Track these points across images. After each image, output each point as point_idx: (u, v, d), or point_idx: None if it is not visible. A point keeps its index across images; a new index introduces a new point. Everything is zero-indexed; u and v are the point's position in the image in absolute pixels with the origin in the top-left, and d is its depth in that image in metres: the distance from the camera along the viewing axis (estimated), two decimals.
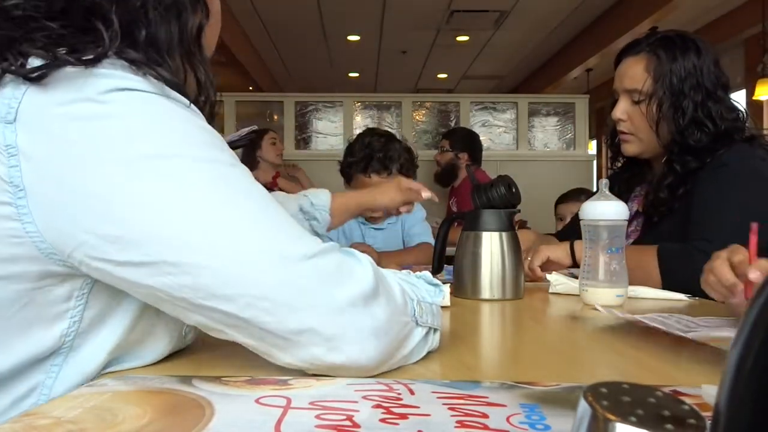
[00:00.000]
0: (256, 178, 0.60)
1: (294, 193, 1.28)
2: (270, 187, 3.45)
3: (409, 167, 1.92)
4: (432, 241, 1.88)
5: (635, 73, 1.40)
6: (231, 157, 0.57)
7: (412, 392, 0.48)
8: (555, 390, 0.51)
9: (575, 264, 1.33)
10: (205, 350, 0.68)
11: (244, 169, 0.57)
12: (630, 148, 1.46)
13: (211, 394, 0.47)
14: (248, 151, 3.54)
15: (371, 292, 0.56)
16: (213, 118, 0.65)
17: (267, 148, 3.55)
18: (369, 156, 1.86)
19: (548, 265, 1.36)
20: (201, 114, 0.58)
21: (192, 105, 0.58)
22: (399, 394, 0.47)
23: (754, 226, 0.86)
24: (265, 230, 0.54)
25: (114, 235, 0.51)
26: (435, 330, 0.68)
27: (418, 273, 0.72)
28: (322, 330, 0.53)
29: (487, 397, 0.48)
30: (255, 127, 2.47)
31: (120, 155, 0.51)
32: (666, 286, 1.22)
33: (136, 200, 0.51)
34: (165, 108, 0.55)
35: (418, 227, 1.98)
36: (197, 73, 0.64)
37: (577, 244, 1.34)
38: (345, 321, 0.54)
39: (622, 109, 1.43)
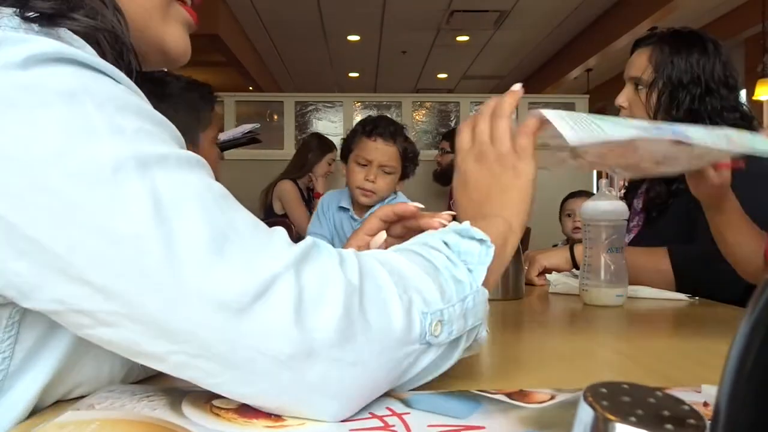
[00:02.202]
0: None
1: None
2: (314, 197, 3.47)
3: (409, 154, 1.88)
4: None
5: (640, 62, 1.44)
6: (168, 145, 0.44)
7: (408, 427, 0.47)
8: (551, 407, 0.50)
9: (577, 267, 1.34)
10: None
11: (180, 159, 0.43)
12: None
13: (203, 430, 0.45)
14: (301, 156, 3.51)
15: (338, 337, 0.43)
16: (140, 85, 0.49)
17: (324, 165, 3.53)
18: (376, 123, 1.83)
19: (546, 272, 1.37)
20: (133, 86, 0.46)
21: (122, 76, 0.44)
22: (395, 430, 0.47)
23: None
24: (203, 265, 0.41)
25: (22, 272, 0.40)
26: (474, 328, 0.53)
27: (454, 227, 0.56)
28: (269, 398, 0.44)
29: (483, 428, 0.47)
30: (257, 125, 2.47)
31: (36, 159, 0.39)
32: (680, 287, 1.23)
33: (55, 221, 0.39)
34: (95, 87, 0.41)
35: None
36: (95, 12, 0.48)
37: (577, 247, 1.35)
38: (303, 376, 0.43)
39: (624, 97, 1.48)
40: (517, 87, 0.68)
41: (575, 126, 0.63)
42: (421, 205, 0.73)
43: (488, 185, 0.65)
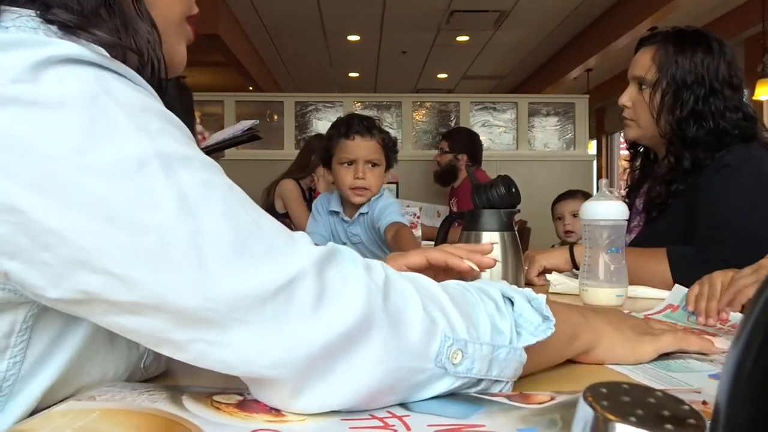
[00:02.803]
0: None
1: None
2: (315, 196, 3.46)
3: (389, 143, 1.86)
4: (403, 220, 1.81)
5: (644, 61, 1.44)
6: (191, 148, 0.45)
7: (408, 427, 0.46)
8: (551, 407, 0.50)
9: (577, 267, 1.34)
10: None
11: (204, 162, 0.45)
12: (629, 133, 1.52)
13: (204, 422, 0.45)
14: (304, 157, 3.48)
15: (356, 330, 0.44)
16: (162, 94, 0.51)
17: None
18: (350, 122, 1.81)
19: (546, 273, 1.37)
20: (154, 93, 0.47)
21: (143, 82, 0.46)
22: (395, 430, 0.47)
23: None
24: (228, 257, 0.42)
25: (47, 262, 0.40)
26: (496, 381, 0.52)
27: (530, 294, 0.56)
28: (281, 378, 0.44)
29: (483, 426, 0.47)
30: (257, 122, 2.45)
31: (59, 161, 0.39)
32: None
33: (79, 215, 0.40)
34: (113, 89, 0.42)
35: (391, 207, 1.86)
36: (134, 39, 0.51)
37: (576, 248, 1.35)
38: (314, 365, 0.44)
39: (628, 96, 1.48)
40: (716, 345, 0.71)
41: None
42: (476, 268, 0.78)
43: (617, 327, 0.68)
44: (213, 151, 2.15)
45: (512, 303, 0.55)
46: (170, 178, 0.41)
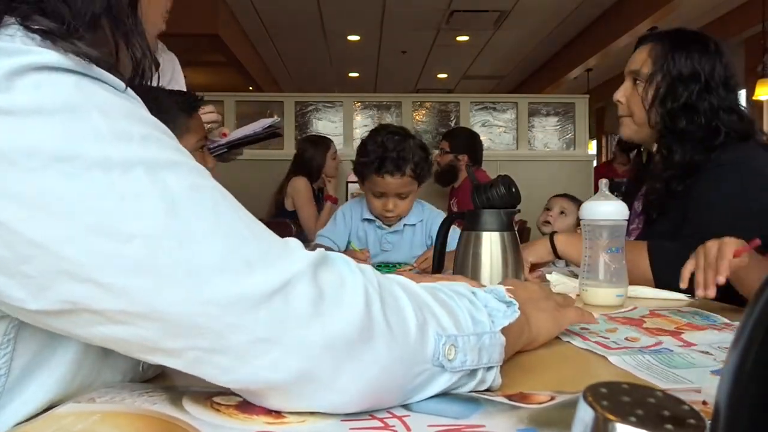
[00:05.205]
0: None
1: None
2: (324, 200, 3.45)
3: (423, 167, 1.85)
4: None
5: (640, 56, 1.45)
6: (179, 154, 0.44)
7: (407, 427, 0.46)
8: (551, 407, 0.50)
9: (558, 257, 1.37)
10: None
11: (192, 167, 0.44)
12: (624, 130, 1.52)
13: (204, 425, 0.45)
14: (304, 161, 3.46)
15: (358, 333, 0.44)
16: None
17: (329, 162, 3.50)
18: (382, 157, 1.79)
19: (536, 267, 1.37)
20: (139, 100, 0.46)
21: (128, 90, 0.45)
22: (395, 430, 0.46)
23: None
24: (220, 261, 0.41)
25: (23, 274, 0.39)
26: (488, 368, 0.54)
27: (488, 288, 0.60)
28: (281, 384, 0.44)
29: (483, 426, 0.47)
30: (277, 119, 2.43)
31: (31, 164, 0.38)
32: (659, 284, 1.23)
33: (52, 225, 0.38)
34: (91, 94, 0.41)
35: (440, 216, 1.89)
36: (132, 50, 0.50)
37: (557, 237, 1.35)
38: (316, 368, 0.43)
39: (622, 92, 1.48)
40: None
41: None
42: None
43: (542, 308, 0.74)
44: (234, 147, 2.14)
45: (475, 296, 0.58)
46: (156, 183, 0.40)
